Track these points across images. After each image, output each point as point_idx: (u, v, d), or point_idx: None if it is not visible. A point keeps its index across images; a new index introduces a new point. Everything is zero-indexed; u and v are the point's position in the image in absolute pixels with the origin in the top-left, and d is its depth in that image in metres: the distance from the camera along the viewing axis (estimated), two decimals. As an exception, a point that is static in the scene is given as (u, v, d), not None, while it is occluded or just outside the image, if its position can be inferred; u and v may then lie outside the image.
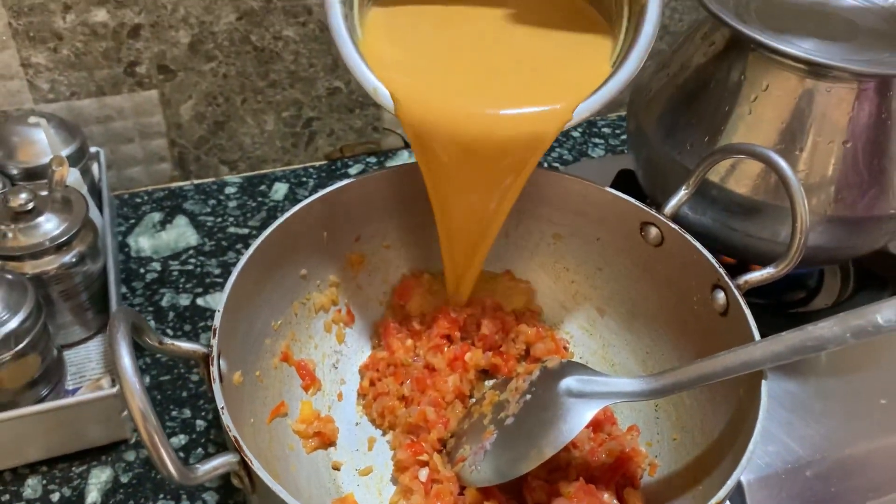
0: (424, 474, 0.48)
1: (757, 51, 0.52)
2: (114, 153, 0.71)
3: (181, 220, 0.71)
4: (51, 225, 0.54)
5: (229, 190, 0.75)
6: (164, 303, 0.64)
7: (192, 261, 0.67)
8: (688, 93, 0.56)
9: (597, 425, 0.50)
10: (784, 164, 0.45)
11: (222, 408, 0.38)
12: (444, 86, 0.49)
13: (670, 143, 0.56)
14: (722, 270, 0.47)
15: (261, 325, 0.50)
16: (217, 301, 0.63)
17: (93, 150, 0.66)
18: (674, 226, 0.50)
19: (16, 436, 0.50)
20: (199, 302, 0.64)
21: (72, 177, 0.59)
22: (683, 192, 0.51)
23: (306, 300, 0.54)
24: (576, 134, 0.86)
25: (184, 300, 0.64)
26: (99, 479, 0.52)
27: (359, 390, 0.55)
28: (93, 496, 0.51)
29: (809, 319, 0.40)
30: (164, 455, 0.33)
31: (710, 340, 0.48)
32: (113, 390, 0.51)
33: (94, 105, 0.68)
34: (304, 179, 0.77)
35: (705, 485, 0.42)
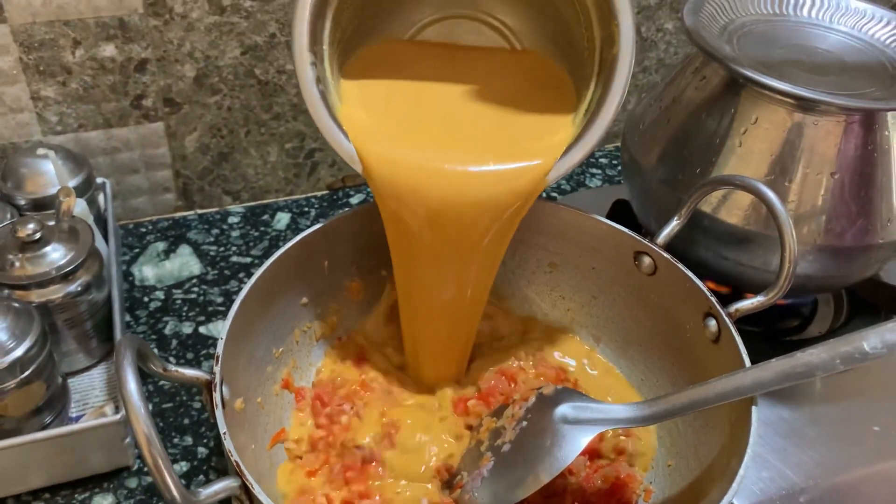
0: (425, 502, 0.49)
1: (747, 85, 0.53)
2: (119, 184, 0.73)
3: (185, 250, 0.72)
4: (57, 254, 0.55)
5: (232, 220, 0.76)
6: (167, 331, 0.65)
7: (196, 289, 0.69)
8: (679, 125, 0.57)
9: (592, 452, 0.51)
10: (771, 195, 0.46)
11: (224, 433, 0.38)
12: (413, 147, 0.49)
13: (663, 174, 0.57)
14: (713, 299, 0.48)
15: (262, 353, 0.51)
16: (219, 329, 0.64)
17: (99, 180, 0.68)
18: (666, 255, 0.51)
19: (19, 463, 0.50)
20: (202, 330, 0.65)
21: (78, 207, 0.60)
22: (676, 222, 0.52)
23: (307, 328, 0.55)
24: (573, 164, 0.87)
25: (187, 328, 0.65)
26: (101, 505, 0.52)
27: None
28: (95, 523, 0.51)
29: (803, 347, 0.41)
30: (168, 479, 0.33)
31: (702, 367, 0.49)
32: (116, 417, 0.51)
33: (101, 137, 0.69)
34: (307, 209, 0.78)
35: (698, 510, 0.43)
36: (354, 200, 0.80)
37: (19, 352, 0.49)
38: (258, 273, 0.48)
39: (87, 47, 0.65)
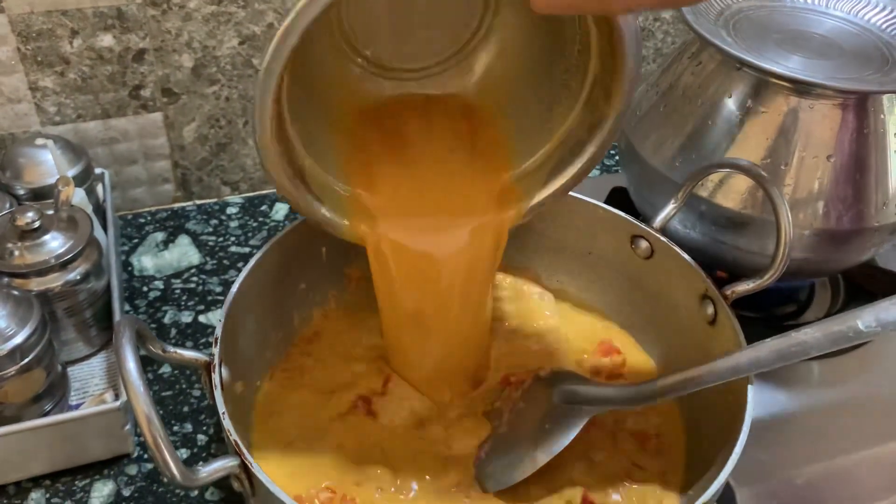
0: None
1: (742, 69, 0.53)
2: (118, 174, 0.73)
3: (184, 240, 0.73)
4: (56, 243, 0.56)
5: (231, 210, 0.76)
6: (166, 320, 0.65)
7: (195, 279, 0.69)
8: (676, 111, 0.57)
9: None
10: (766, 176, 0.46)
11: (223, 413, 0.39)
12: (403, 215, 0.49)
13: (659, 159, 0.57)
14: (709, 281, 0.49)
15: (261, 338, 0.51)
16: (219, 317, 0.64)
17: (98, 171, 0.68)
18: (663, 238, 0.52)
19: (20, 450, 0.51)
20: (202, 319, 0.65)
21: (77, 196, 0.61)
22: (672, 206, 0.52)
23: (306, 314, 0.55)
24: (571, 154, 0.88)
25: (186, 317, 0.65)
26: (101, 492, 0.52)
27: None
28: (95, 509, 0.51)
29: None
30: (168, 457, 0.33)
31: (699, 350, 0.49)
32: (116, 404, 0.51)
33: (100, 127, 0.70)
34: (305, 200, 0.78)
35: (696, 489, 0.43)
36: (353, 191, 0.80)
37: (19, 339, 0.49)
38: (256, 257, 0.49)
39: (85, 37, 0.65)
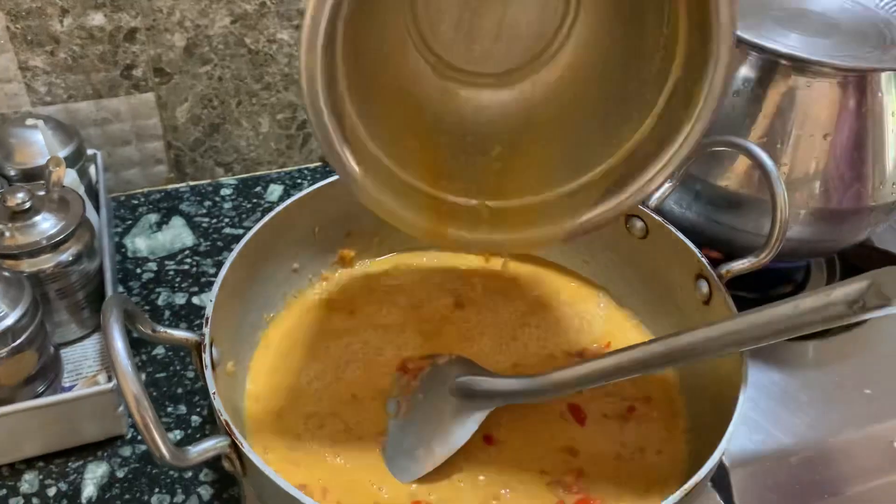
0: None
1: (738, 46, 0.53)
2: (111, 156, 0.72)
3: (177, 222, 0.72)
4: (48, 224, 0.55)
5: (225, 192, 0.76)
6: (160, 301, 0.64)
7: (188, 261, 0.68)
8: (672, 89, 0.57)
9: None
10: (760, 151, 0.46)
11: (214, 393, 0.38)
12: None
13: (655, 138, 0.57)
14: (704, 260, 0.48)
15: (254, 318, 0.51)
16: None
17: (90, 152, 0.67)
18: (658, 217, 0.51)
19: (13, 431, 0.51)
20: (195, 301, 0.65)
21: (69, 177, 0.60)
22: (668, 185, 0.52)
23: (298, 294, 0.55)
24: (567, 136, 0.87)
25: (179, 299, 0.65)
26: (95, 473, 0.52)
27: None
28: (89, 491, 0.51)
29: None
30: (157, 437, 0.33)
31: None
32: (109, 385, 0.51)
33: (92, 108, 0.69)
34: (299, 181, 0.78)
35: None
36: (347, 172, 0.80)
37: (10, 320, 0.49)
38: (247, 236, 0.48)
39: (76, 16, 0.64)
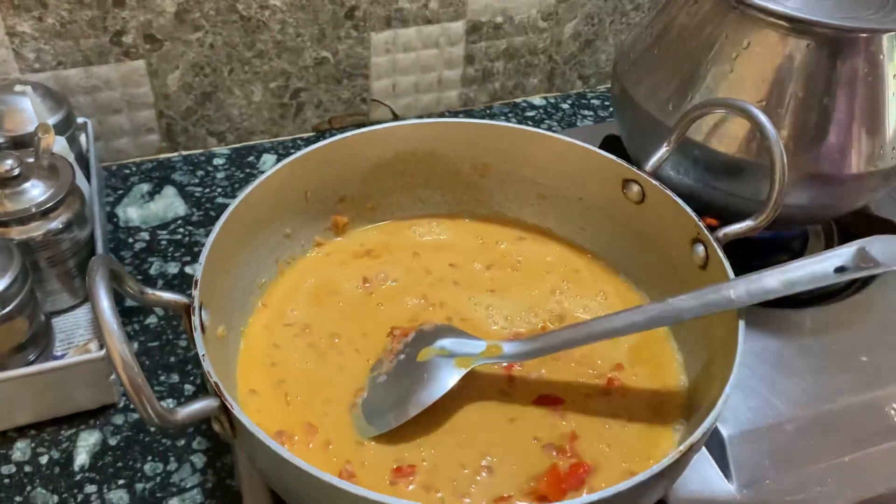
0: None
1: (738, 8, 0.52)
2: (102, 124, 0.71)
3: (170, 191, 0.72)
4: (37, 191, 0.54)
5: (217, 161, 0.75)
6: (152, 271, 0.64)
7: (181, 230, 0.68)
8: (670, 52, 0.56)
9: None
10: (758, 113, 0.45)
11: (203, 355, 0.38)
12: None
13: (653, 103, 0.56)
14: (701, 224, 0.48)
15: (245, 283, 0.50)
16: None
17: (80, 120, 0.66)
18: (654, 182, 0.51)
19: (4, 399, 0.50)
20: (188, 270, 0.64)
21: (58, 145, 0.59)
22: (665, 149, 0.51)
23: (291, 260, 0.55)
24: (565, 106, 0.86)
25: (172, 268, 0.64)
26: (87, 441, 0.52)
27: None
28: (81, 458, 0.51)
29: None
30: (144, 397, 0.33)
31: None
32: (100, 353, 0.51)
33: (81, 75, 0.68)
34: (293, 151, 0.77)
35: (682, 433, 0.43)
36: (342, 142, 0.79)
37: (-1, 287, 0.49)
38: (238, 199, 0.48)
39: (63, -20, 0.63)
